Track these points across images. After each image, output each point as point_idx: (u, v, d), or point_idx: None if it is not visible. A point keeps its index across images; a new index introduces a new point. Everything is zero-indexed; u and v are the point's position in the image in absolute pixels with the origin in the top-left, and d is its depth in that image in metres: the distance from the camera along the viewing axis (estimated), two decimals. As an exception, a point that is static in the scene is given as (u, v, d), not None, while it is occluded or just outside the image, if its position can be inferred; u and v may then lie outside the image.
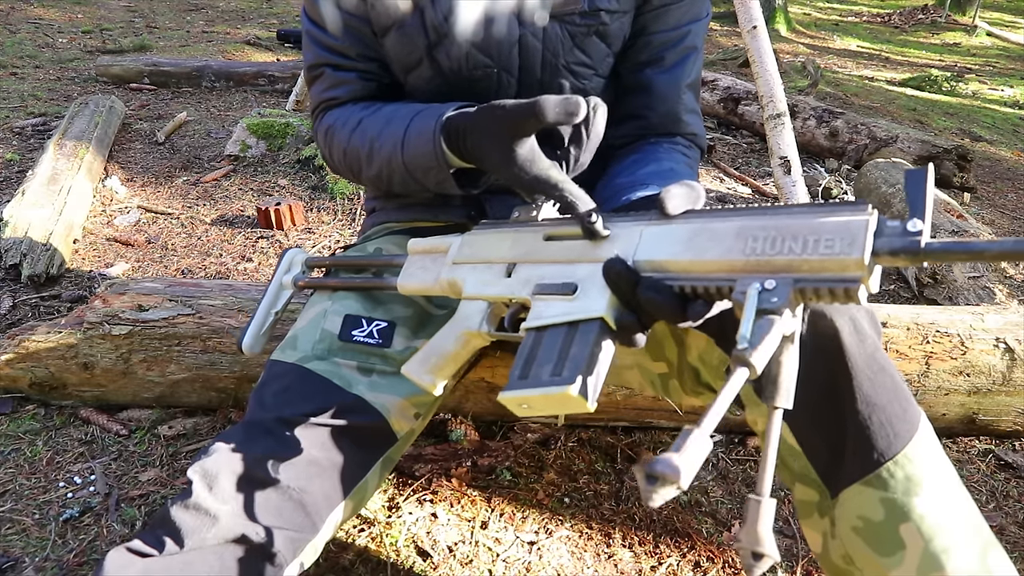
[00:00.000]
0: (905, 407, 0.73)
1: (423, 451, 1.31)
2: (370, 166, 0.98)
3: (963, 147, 3.07)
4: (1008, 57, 7.81)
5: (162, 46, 4.70)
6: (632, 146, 1.07)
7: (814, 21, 9.13)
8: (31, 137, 2.90)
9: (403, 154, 0.92)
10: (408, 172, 0.93)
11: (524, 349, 0.69)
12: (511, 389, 0.67)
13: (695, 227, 0.63)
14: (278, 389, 0.88)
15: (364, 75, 1.04)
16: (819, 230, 0.56)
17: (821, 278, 0.55)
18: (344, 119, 1.02)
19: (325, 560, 1.10)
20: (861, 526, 0.73)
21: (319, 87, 1.06)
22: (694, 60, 1.06)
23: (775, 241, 0.58)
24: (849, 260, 0.54)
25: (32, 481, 1.24)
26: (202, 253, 2.14)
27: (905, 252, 0.53)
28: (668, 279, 0.63)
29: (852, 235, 0.54)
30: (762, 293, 0.55)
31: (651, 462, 0.46)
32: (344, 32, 1.01)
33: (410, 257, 0.90)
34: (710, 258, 0.60)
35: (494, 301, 0.77)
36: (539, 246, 0.75)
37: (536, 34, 0.98)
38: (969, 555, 0.70)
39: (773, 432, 0.54)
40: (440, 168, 0.88)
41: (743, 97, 3.63)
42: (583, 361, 0.63)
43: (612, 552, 1.16)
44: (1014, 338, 1.37)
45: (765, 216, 0.60)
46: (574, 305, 0.68)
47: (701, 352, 0.87)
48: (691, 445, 0.48)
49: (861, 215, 0.55)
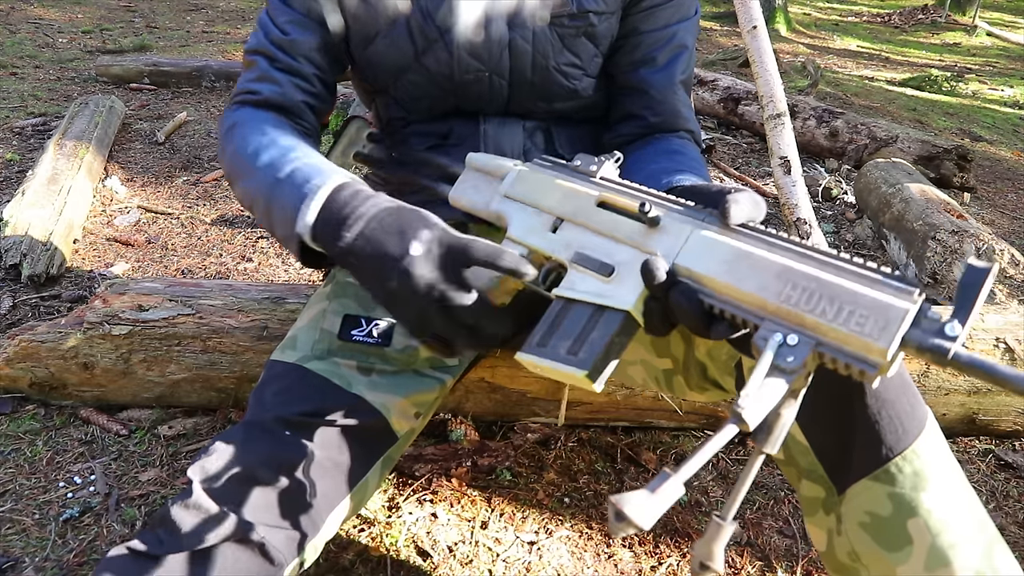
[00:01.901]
0: (913, 404, 0.73)
1: (423, 451, 1.31)
2: (244, 181, 0.91)
3: (963, 147, 3.07)
4: (1008, 57, 7.81)
5: (162, 46, 4.70)
6: (643, 139, 1.06)
7: (814, 21, 9.13)
8: (31, 137, 2.90)
9: (271, 194, 0.85)
10: (267, 209, 0.86)
11: (550, 315, 0.71)
12: (529, 352, 0.70)
13: (741, 250, 0.62)
14: (278, 389, 0.88)
15: (296, 80, 1.00)
16: (857, 301, 0.54)
17: (842, 350, 0.54)
18: (253, 125, 0.96)
19: (325, 560, 1.10)
20: (868, 521, 0.73)
21: (248, 74, 1.01)
22: (686, 59, 1.06)
23: (812, 296, 0.56)
24: (874, 346, 0.52)
25: (32, 481, 1.24)
26: (202, 253, 2.14)
27: (932, 353, 0.51)
28: (701, 293, 0.63)
29: (887, 322, 0.52)
30: (782, 347, 0.55)
31: (623, 501, 0.48)
32: (296, 30, 0.98)
33: (467, 171, 0.90)
34: (746, 289, 0.60)
35: (534, 251, 0.78)
36: (590, 209, 0.75)
37: (526, 37, 0.98)
38: (975, 551, 0.70)
39: (752, 469, 0.55)
40: (292, 235, 0.81)
41: (743, 97, 3.63)
42: (600, 348, 0.65)
43: (612, 552, 1.16)
44: (1014, 338, 1.37)
45: (813, 264, 0.59)
46: (607, 288, 0.69)
47: (710, 348, 0.87)
48: (664, 490, 0.49)
49: (905, 301, 0.53)
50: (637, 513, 0.48)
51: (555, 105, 1.04)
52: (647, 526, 0.48)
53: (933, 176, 2.95)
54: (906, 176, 2.61)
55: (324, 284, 1.08)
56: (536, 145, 1.06)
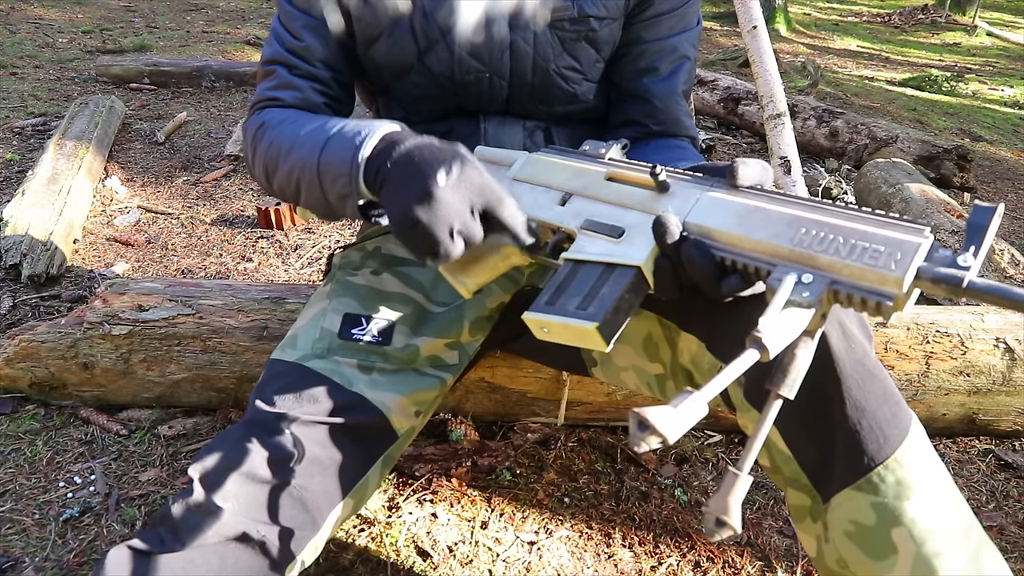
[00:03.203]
0: (895, 411, 0.73)
1: (423, 451, 1.31)
2: (286, 161, 0.90)
3: (963, 147, 3.07)
4: (1008, 57, 7.81)
5: (162, 46, 4.70)
6: (643, 141, 1.07)
7: (814, 21, 9.13)
8: (31, 137, 2.90)
9: (322, 154, 0.85)
10: (318, 175, 0.85)
11: (558, 278, 0.71)
12: (536, 311, 0.69)
13: (752, 205, 0.63)
14: (278, 388, 0.88)
15: (316, 85, 1.01)
16: (871, 239, 0.55)
17: (857, 286, 0.54)
18: (282, 116, 0.97)
19: (325, 560, 1.10)
20: (853, 531, 0.73)
21: (267, 83, 1.02)
22: (688, 69, 1.08)
23: (824, 238, 0.57)
24: (890, 276, 0.53)
25: (32, 481, 1.24)
26: (202, 253, 2.14)
27: (947, 283, 0.52)
28: (713, 247, 0.63)
29: (901, 252, 0.53)
30: (797, 285, 0.55)
31: (647, 411, 0.47)
32: (311, 36, 0.99)
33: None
34: (758, 238, 0.60)
35: (542, 224, 0.79)
36: (599, 183, 0.76)
37: (527, 39, 0.98)
38: (960, 559, 0.70)
39: (769, 417, 0.54)
40: (351, 178, 0.81)
41: (743, 97, 3.63)
42: (611, 303, 0.65)
43: (612, 552, 1.16)
44: (1014, 338, 1.37)
45: (823, 212, 0.60)
46: (617, 248, 0.69)
47: (693, 356, 0.87)
48: (687, 405, 0.48)
49: (917, 236, 0.54)
50: (662, 422, 0.46)
51: (555, 108, 1.05)
52: (672, 437, 0.46)
53: (933, 176, 2.95)
54: (906, 176, 2.61)
55: (324, 283, 1.08)
56: (536, 144, 1.06)
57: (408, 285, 1.01)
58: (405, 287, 1.01)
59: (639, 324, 0.93)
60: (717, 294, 0.64)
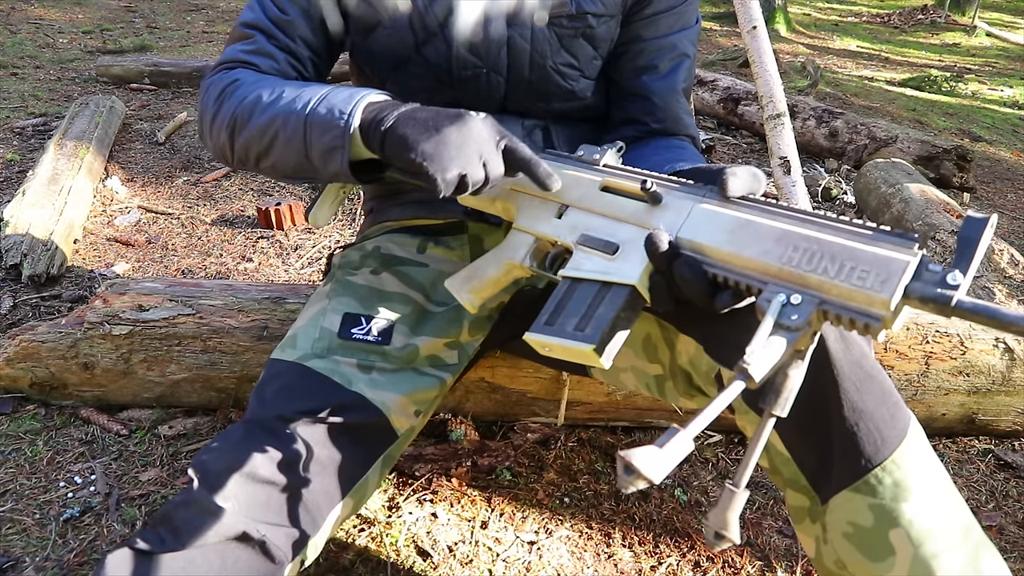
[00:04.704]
0: (893, 413, 0.73)
1: (423, 451, 1.31)
2: (264, 113, 0.86)
3: (963, 147, 3.08)
4: (1008, 57, 7.80)
5: (162, 46, 4.70)
6: (643, 140, 1.07)
7: (814, 21, 9.13)
8: (31, 137, 2.90)
9: (314, 105, 0.82)
10: (305, 127, 0.82)
11: (557, 295, 0.73)
12: (537, 331, 0.72)
13: (742, 219, 0.64)
14: (278, 387, 0.88)
15: (292, 60, 0.98)
16: (858, 258, 0.55)
17: (845, 306, 0.54)
18: (258, 76, 0.93)
19: (325, 560, 1.10)
20: (851, 532, 0.73)
21: (243, 46, 0.97)
22: (687, 67, 1.07)
23: (813, 257, 0.57)
24: (876, 298, 0.53)
25: (32, 481, 1.24)
26: (202, 253, 2.14)
27: (935, 302, 0.52)
28: (705, 263, 0.64)
29: (888, 274, 0.53)
30: (785, 307, 0.56)
31: (632, 455, 0.48)
32: (296, 13, 0.97)
33: None
34: (748, 255, 0.61)
35: (540, 238, 0.81)
36: (594, 194, 0.78)
37: (524, 35, 0.98)
38: (958, 560, 0.70)
39: (763, 434, 0.55)
40: (342, 133, 0.80)
41: (743, 97, 3.63)
42: (607, 323, 0.67)
43: (612, 552, 1.17)
44: (1014, 338, 1.37)
45: (812, 227, 0.60)
46: (612, 265, 0.71)
47: (691, 357, 0.87)
48: (673, 445, 0.49)
49: (905, 254, 0.54)
50: (647, 466, 0.47)
51: (552, 105, 1.05)
52: (657, 479, 0.47)
53: (933, 176, 2.95)
54: (906, 176, 2.61)
55: (324, 283, 1.08)
56: (535, 143, 1.06)
57: (408, 285, 1.02)
58: (405, 287, 1.01)
59: (638, 325, 0.93)
60: (711, 309, 0.65)
